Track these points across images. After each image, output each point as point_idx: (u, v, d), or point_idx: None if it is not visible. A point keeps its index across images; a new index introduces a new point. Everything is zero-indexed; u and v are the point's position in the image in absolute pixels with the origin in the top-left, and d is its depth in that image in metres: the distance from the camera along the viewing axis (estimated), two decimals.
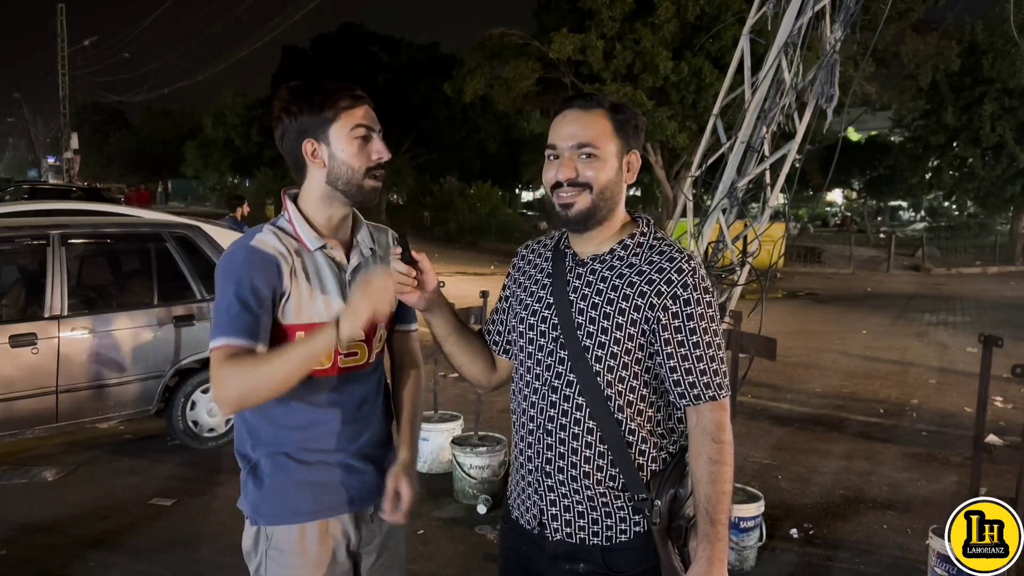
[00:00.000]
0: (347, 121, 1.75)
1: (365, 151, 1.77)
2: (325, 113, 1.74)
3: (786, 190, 5.29)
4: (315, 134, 1.76)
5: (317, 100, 1.74)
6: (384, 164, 1.80)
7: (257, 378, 1.64)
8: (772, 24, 4.95)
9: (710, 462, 1.62)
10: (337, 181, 1.78)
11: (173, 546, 4.04)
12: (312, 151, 1.77)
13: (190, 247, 5.46)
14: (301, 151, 1.77)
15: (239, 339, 1.65)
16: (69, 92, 42.17)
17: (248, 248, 1.74)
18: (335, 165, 1.77)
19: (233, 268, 1.71)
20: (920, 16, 18.12)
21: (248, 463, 1.84)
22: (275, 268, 1.72)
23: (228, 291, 1.69)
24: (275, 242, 1.75)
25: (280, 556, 1.80)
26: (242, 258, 1.72)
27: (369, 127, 1.78)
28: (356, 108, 1.77)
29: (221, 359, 1.64)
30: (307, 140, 1.76)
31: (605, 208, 1.67)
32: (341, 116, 1.75)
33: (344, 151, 1.76)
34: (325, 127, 1.75)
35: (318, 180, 1.79)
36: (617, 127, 1.66)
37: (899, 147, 25.73)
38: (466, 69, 19.98)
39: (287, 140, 1.79)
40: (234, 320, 1.67)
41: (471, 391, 6.06)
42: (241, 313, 1.67)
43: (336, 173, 1.77)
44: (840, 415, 6.81)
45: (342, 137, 1.75)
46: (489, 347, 1.91)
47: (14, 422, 4.73)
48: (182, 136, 46.65)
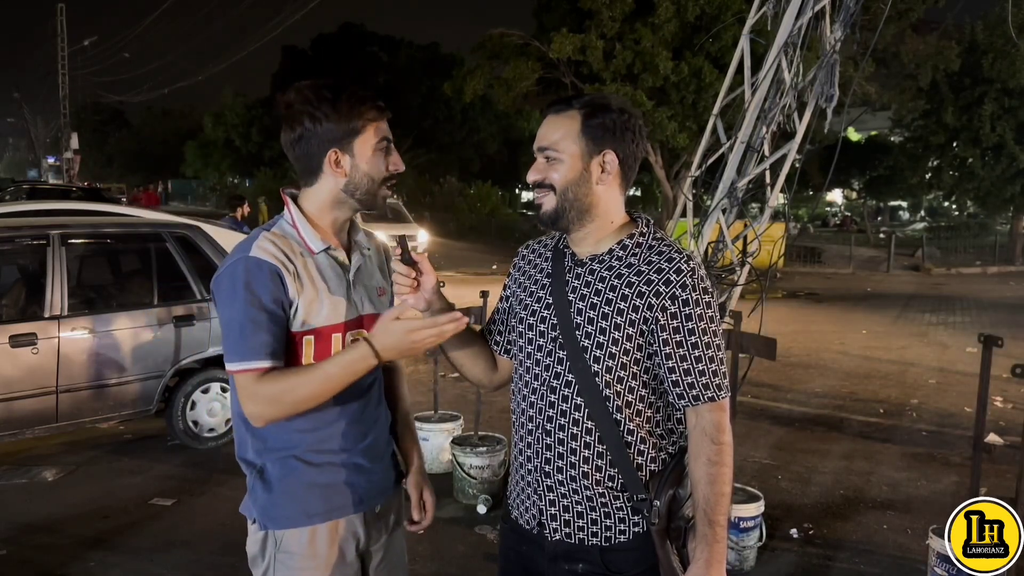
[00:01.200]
0: (372, 133, 1.75)
1: (385, 163, 1.78)
2: (353, 123, 1.73)
3: (786, 190, 5.29)
4: (340, 144, 1.74)
5: (345, 109, 1.72)
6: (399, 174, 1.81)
7: (299, 397, 1.68)
8: (772, 24, 4.95)
9: (709, 463, 1.62)
10: (356, 191, 1.77)
11: (173, 546, 4.04)
12: (336, 160, 1.75)
13: (190, 247, 5.46)
14: (323, 159, 1.75)
15: (262, 361, 1.66)
16: (69, 92, 42.18)
17: (248, 260, 1.70)
18: (356, 176, 1.76)
19: (237, 284, 1.68)
20: (920, 16, 18.12)
21: (253, 468, 1.81)
22: (279, 279, 1.70)
23: (236, 309, 1.67)
24: (274, 250, 1.72)
25: (290, 559, 1.78)
26: (242, 271, 1.69)
27: (390, 139, 1.79)
28: (381, 120, 1.77)
29: (251, 382, 1.66)
30: (332, 150, 1.74)
31: (573, 209, 1.68)
32: (368, 128, 1.74)
33: (367, 162, 1.76)
34: (351, 138, 1.74)
35: (332, 187, 1.78)
36: (586, 129, 1.66)
37: (899, 147, 25.74)
38: (466, 69, 19.98)
39: (306, 144, 1.74)
40: (250, 340, 1.66)
41: (471, 391, 6.06)
42: (256, 332, 1.67)
43: (356, 183, 1.77)
44: (840, 415, 6.81)
45: (367, 149, 1.75)
46: (490, 347, 1.91)
47: (14, 422, 4.73)
48: (182, 136, 46.66)
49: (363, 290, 1.86)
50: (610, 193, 1.71)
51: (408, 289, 1.72)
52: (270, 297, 1.68)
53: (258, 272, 1.68)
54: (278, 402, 1.67)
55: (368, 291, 1.87)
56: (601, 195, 1.70)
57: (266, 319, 1.68)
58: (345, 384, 1.69)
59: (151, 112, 57.90)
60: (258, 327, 1.66)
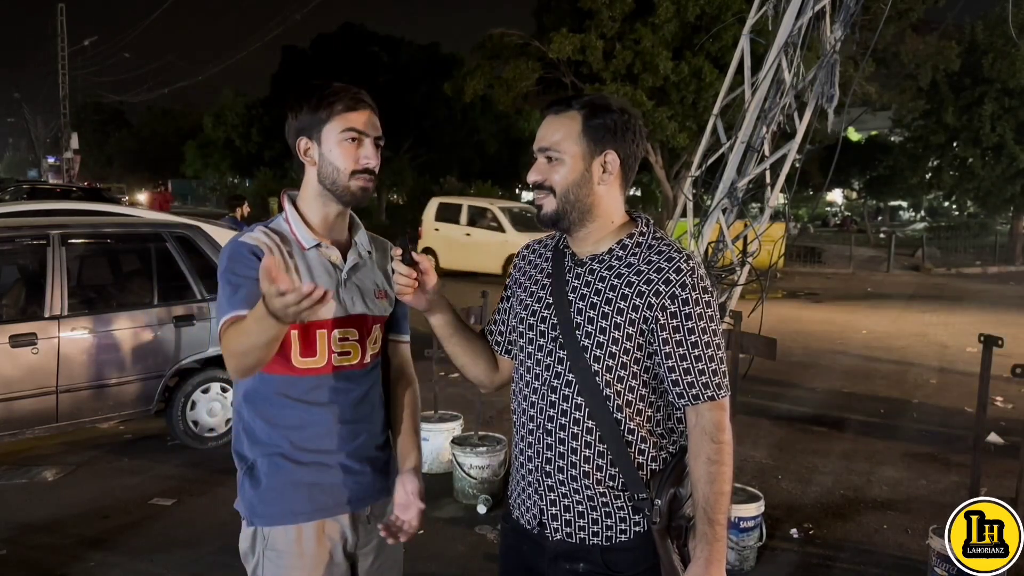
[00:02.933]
0: (339, 123, 1.80)
1: (353, 154, 1.80)
2: (320, 113, 1.80)
3: (786, 190, 5.29)
4: (309, 133, 1.82)
5: (314, 100, 1.81)
6: (372, 169, 1.82)
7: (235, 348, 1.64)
8: (772, 24, 4.96)
9: (709, 462, 1.63)
10: (325, 180, 1.83)
11: (173, 546, 4.04)
12: (305, 149, 1.83)
13: (190, 247, 5.46)
14: (296, 148, 1.84)
15: (240, 310, 1.69)
16: (69, 92, 42.14)
17: (235, 242, 1.81)
18: (323, 164, 1.82)
19: (223, 260, 1.79)
20: (920, 16, 18.10)
21: (245, 463, 1.85)
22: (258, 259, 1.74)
23: (224, 280, 1.76)
24: (263, 238, 1.80)
25: (277, 557, 1.80)
26: (228, 251, 1.79)
27: (362, 132, 1.81)
28: (352, 112, 1.80)
29: (224, 330, 1.70)
30: (301, 138, 1.83)
31: (574, 211, 1.69)
32: (334, 118, 1.80)
33: (332, 152, 1.81)
34: (319, 127, 1.81)
35: (312, 178, 1.86)
36: (587, 129, 1.66)
37: (899, 147, 25.73)
38: (466, 69, 19.96)
39: (287, 135, 1.87)
40: (231, 297, 1.72)
41: (471, 391, 6.06)
42: (238, 290, 1.72)
43: (324, 172, 1.83)
44: (840, 415, 6.81)
45: (331, 138, 1.81)
46: (491, 347, 1.91)
47: (14, 422, 4.73)
48: (182, 136, 46.61)
49: (355, 290, 1.87)
50: (611, 193, 1.71)
51: (409, 289, 1.72)
52: (250, 270, 1.72)
53: (241, 250, 1.77)
54: (228, 352, 1.66)
55: (362, 291, 1.88)
56: (602, 195, 1.70)
57: (244, 283, 1.72)
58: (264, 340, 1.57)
59: (151, 112, 57.85)
60: (235, 289, 1.72)
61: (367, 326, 1.87)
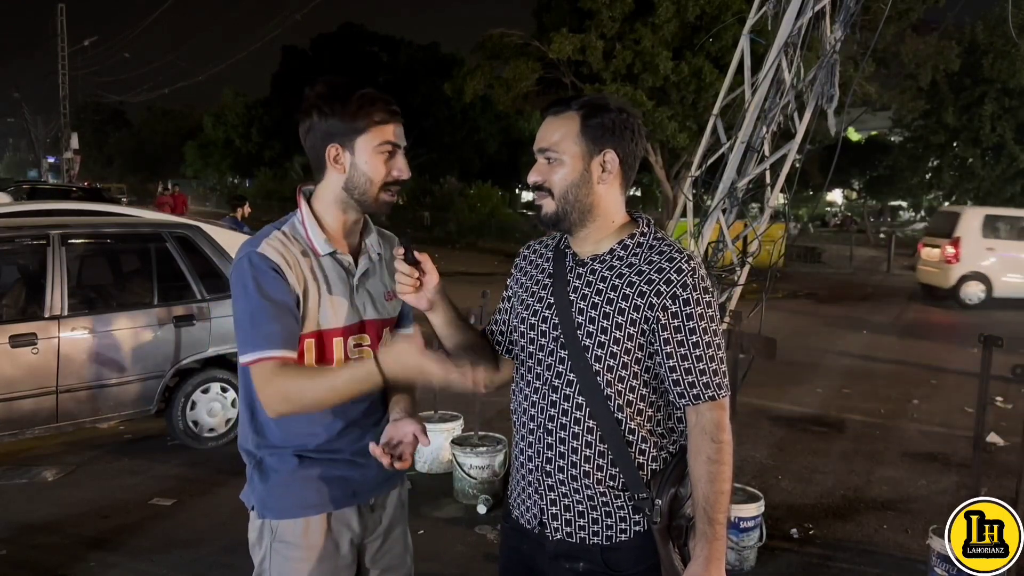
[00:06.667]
0: (376, 135, 1.76)
1: (387, 166, 1.78)
2: (357, 122, 1.75)
3: (786, 190, 5.28)
4: (342, 140, 1.76)
5: (352, 108, 1.74)
6: (404, 181, 1.80)
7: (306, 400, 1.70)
8: (772, 24, 4.95)
9: (709, 462, 1.63)
10: (354, 190, 1.79)
11: (173, 546, 4.04)
12: (335, 156, 1.78)
13: (190, 247, 5.45)
14: (324, 153, 1.78)
15: (274, 350, 1.68)
16: (69, 92, 42.10)
17: (253, 255, 1.73)
18: (355, 174, 1.78)
19: (246, 278, 1.71)
20: (920, 16, 18.10)
21: (253, 458, 1.86)
22: (282, 277, 1.72)
23: (247, 301, 1.70)
24: (281, 248, 1.75)
25: (285, 549, 1.82)
26: (249, 267, 1.72)
27: (396, 144, 1.79)
28: (388, 124, 1.78)
29: (268, 374, 1.68)
30: (333, 144, 1.77)
31: (575, 211, 1.69)
32: (371, 129, 1.76)
33: (366, 163, 1.77)
34: (353, 136, 1.76)
35: (335, 184, 1.81)
36: (585, 129, 1.67)
37: (899, 147, 25.76)
38: (466, 69, 19.99)
39: (312, 137, 1.79)
40: (261, 330, 1.68)
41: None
42: (267, 322, 1.69)
43: (354, 182, 1.78)
44: (840, 415, 6.81)
45: (367, 150, 1.76)
46: (492, 347, 1.91)
47: (14, 422, 4.72)
48: (182, 136, 46.67)
49: (367, 295, 1.87)
50: (611, 193, 1.71)
51: (410, 288, 1.72)
52: (277, 291, 1.71)
53: (263, 267, 1.72)
54: (289, 400, 1.69)
55: (373, 296, 1.88)
56: (602, 195, 1.70)
57: (276, 310, 1.69)
58: (350, 397, 1.72)
59: (151, 112, 57.88)
60: (269, 317, 1.69)
61: (378, 331, 1.88)
